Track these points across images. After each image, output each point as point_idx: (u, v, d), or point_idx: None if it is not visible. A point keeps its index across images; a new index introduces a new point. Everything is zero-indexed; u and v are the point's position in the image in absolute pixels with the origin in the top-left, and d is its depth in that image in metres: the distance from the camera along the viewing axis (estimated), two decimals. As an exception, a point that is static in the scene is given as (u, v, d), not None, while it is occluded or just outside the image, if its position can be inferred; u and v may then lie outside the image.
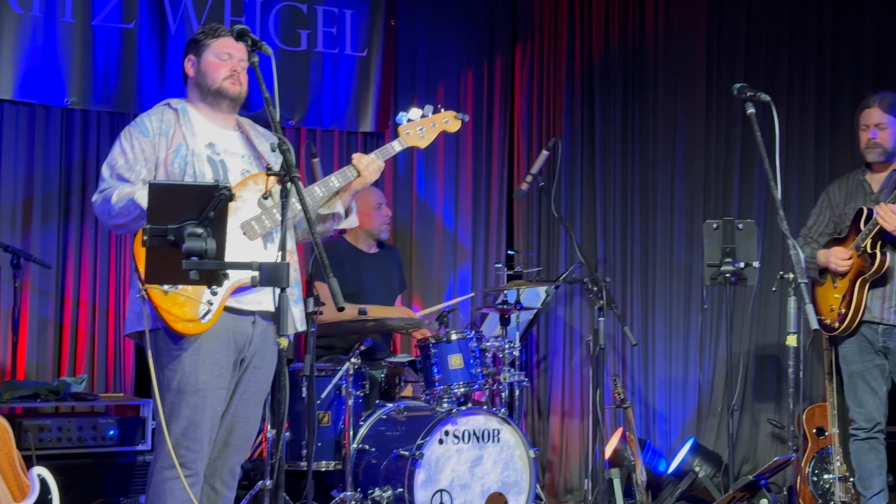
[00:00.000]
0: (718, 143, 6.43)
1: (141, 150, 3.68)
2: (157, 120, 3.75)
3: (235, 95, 3.81)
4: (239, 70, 3.79)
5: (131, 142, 3.70)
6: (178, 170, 3.67)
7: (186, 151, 3.70)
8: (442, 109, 4.10)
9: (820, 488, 5.63)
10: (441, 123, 4.10)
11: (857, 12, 6.24)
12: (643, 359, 6.44)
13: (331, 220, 3.96)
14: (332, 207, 3.94)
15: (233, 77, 3.78)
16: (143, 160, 3.68)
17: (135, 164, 3.67)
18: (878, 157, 5.13)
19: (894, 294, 5.03)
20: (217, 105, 3.81)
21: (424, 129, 4.06)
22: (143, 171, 3.67)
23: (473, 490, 4.72)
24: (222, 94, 3.79)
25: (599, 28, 6.52)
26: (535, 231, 6.51)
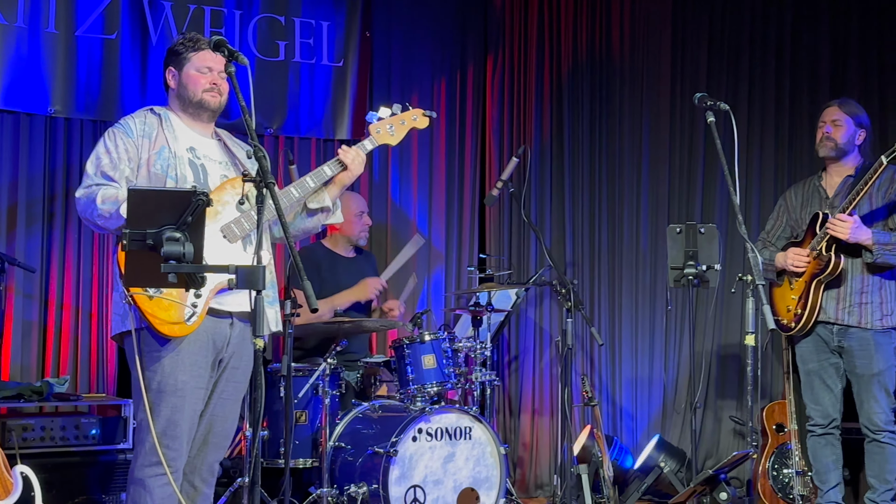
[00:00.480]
0: (682, 151, 6.47)
1: (125, 150, 3.70)
2: (141, 122, 3.77)
3: (216, 107, 3.83)
4: (219, 83, 3.81)
5: (115, 141, 3.71)
6: (161, 171, 3.68)
7: (169, 154, 3.71)
8: (411, 108, 4.11)
9: (779, 482, 5.68)
10: (410, 121, 4.11)
11: (814, 25, 6.30)
12: (610, 358, 6.46)
13: (320, 213, 3.98)
14: (322, 201, 3.96)
15: (213, 90, 3.80)
16: (127, 159, 3.69)
17: (119, 162, 3.68)
18: (830, 152, 5.18)
19: (848, 295, 5.08)
20: (198, 115, 3.83)
21: (394, 126, 4.07)
22: (126, 169, 3.68)
23: (446, 486, 4.74)
24: (203, 105, 3.81)
25: (568, 39, 6.56)
26: (507, 235, 6.54)
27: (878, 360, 5.06)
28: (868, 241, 4.96)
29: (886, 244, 4.99)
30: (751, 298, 3.92)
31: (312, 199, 3.93)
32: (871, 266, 5.05)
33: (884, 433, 5.07)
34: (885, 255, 4.99)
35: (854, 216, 4.97)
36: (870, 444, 5.13)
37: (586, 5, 6.56)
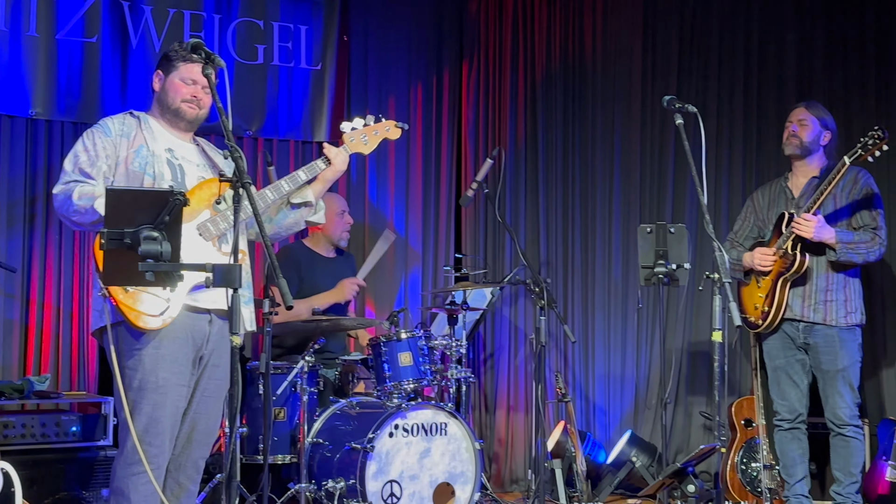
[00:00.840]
0: (653, 153, 6.49)
1: (103, 148, 3.70)
2: (120, 123, 3.78)
3: (192, 118, 3.84)
4: (200, 96, 3.81)
5: (93, 140, 3.72)
6: (139, 168, 3.69)
7: (147, 152, 3.72)
8: (383, 119, 4.14)
9: (748, 476, 5.71)
10: (383, 131, 4.14)
11: (780, 31, 6.32)
12: (584, 355, 6.48)
13: (303, 207, 3.98)
14: (304, 196, 3.97)
15: (191, 102, 3.81)
16: (105, 157, 3.69)
17: (96, 160, 3.68)
18: (795, 150, 5.23)
19: (814, 293, 5.12)
20: (175, 123, 3.84)
21: (368, 136, 4.09)
22: (104, 167, 3.68)
23: (422, 480, 4.74)
24: (179, 114, 3.81)
25: (541, 45, 6.57)
26: (482, 235, 6.55)
27: (843, 357, 5.10)
28: (832, 239, 5.01)
29: (849, 243, 5.03)
30: (718, 296, 3.93)
31: (295, 195, 3.94)
32: (836, 264, 5.10)
33: (848, 427, 5.11)
34: (848, 254, 5.03)
35: (818, 216, 5.02)
36: (835, 438, 5.17)
37: (559, 12, 6.58)
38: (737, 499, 5.63)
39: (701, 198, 4.07)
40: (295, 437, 4.98)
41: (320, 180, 3.99)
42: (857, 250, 5.04)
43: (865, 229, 5.11)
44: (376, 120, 4.12)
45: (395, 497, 4.66)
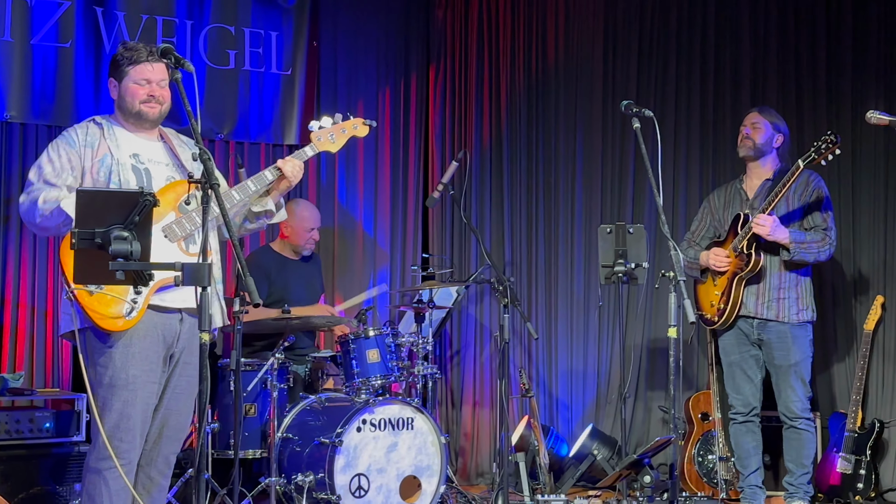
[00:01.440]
0: (614, 156, 6.53)
1: (68, 160, 3.67)
2: (84, 133, 3.74)
3: (154, 118, 3.81)
4: (157, 93, 3.77)
5: (59, 152, 3.69)
6: (104, 178, 3.66)
7: (111, 161, 3.69)
8: (351, 117, 4.12)
9: (704, 468, 5.75)
10: (351, 129, 4.11)
11: (735, 38, 6.37)
12: (547, 352, 6.50)
13: (264, 216, 3.98)
14: (265, 205, 3.96)
15: (150, 101, 3.76)
16: (70, 168, 3.66)
17: (61, 171, 3.65)
18: (749, 152, 5.28)
19: (767, 291, 5.17)
20: (139, 124, 3.81)
21: (335, 134, 4.07)
22: (69, 178, 3.66)
23: (389, 474, 4.75)
24: (141, 116, 3.78)
25: (506, 51, 6.59)
26: (448, 236, 6.56)
27: (795, 352, 5.16)
28: (786, 239, 5.06)
29: (802, 242, 5.09)
30: (673, 294, 3.97)
31: (256, 203, 3.93)
32: (789, 263, 5.15)
33: (800, 420, 5.17)
34: (800, 253, 5.09)
35: (773, 216, 5.07)
36: (787, 430, 5.23)
37: (523, 19, 6.60)
38: (694, 490, 5.67)
39: (657, 199, 4.11)
40: (265, 432, 4.97)
41: (276, 190, 3.97)
42: (810, 250, 5.09)
43: (816, 230, 5.17)
44: (344, 118, 4.10)
45: (362, 490, 4.66)
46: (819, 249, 5.12)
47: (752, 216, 5.09)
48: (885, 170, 6.03)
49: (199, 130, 3.18)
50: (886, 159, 6.02)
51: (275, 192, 3.97)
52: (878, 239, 6.04)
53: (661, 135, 4.19)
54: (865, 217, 6.07)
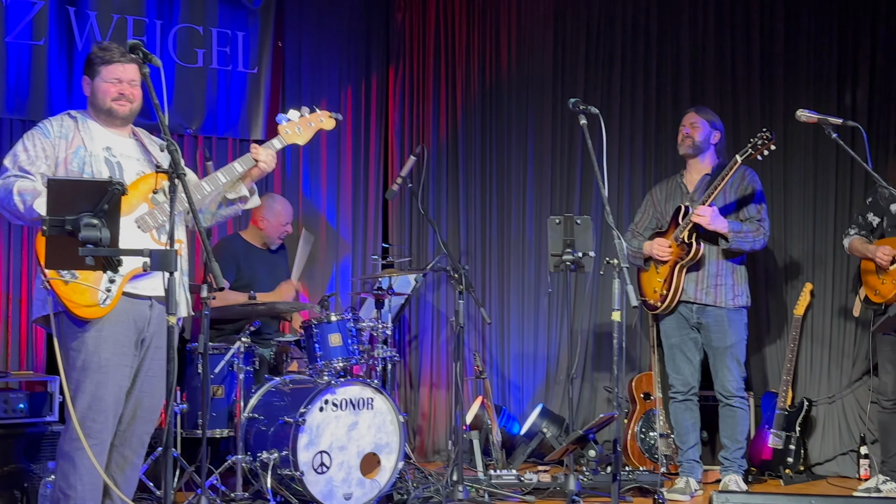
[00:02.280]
0: (562, 151, 6.54)
1: (42, 149, 3.63)
2: (58, 125, 3.71)
3: (124, 115, 3.77)
4: (127, 92, 3.74)
5: (33, 141, 3.65)
6: (77, 168, 3.62)
7: (85, 153, 3.65)
8: (317, 110, 4.09)
9: (646, 444, 5.80)
10: (317, 122, 4.08)
11: (675, 41, 6.40)
12: (499, 336, 6.52)
13: (239, 202, 3.95)
14: (239, 191, 3.93)
15: (121, 99, 3.73)
16: (44, 157, 3.62)
17: (36, 160, 3.61)
18: (689, 150, 5.33)
19: (706, 278, 5.23)
20: (111, 121, 3.77)
21: (302, 128, 4.04)
22: (42, 166, 3.61)
23: (350, 451, 4.74)
24: (112, 113, 3.74)
25: (461, 52, 6.59)
26: (407, 226, 6.55)
27: (731, 335, 5.22)
28: (724, 229, 5.11)
29: (739, 232, 5.15)
30: (617, 280, 3.99)
31: (230, 190, 3.90)
32: (726, 252, 5.20)
33: (735, 398, 5.23)
34: (738, 242, 5.15)
35: (713, 207, 5.12)
36: (723, 408, 5.29)
37: (478, 22, 6.60)
38: (636, 464, 5.72)
39: (602, 191, 4.12)
40: (232, 412, 4.94)
41: (248, 177, 3.95)
42: (746, 239, 5.15)
43: (751, 221, 5.23)
44: (311, 111, 4.07)
45: (325, 467, 4.65)
46: (754, 239, 5.19)
47: (693, 208, 5.14)
48: (814, 165, 6.10)
49: (167, 123, 3.15)
50: (815, 155, 6.09)
51: (247, 178, 3.95)
52: (807, 230, 6.11)
53: (606, 131, 4.20)
54: (795, 209, 6.14)
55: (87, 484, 3.61)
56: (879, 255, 5.08)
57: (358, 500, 4.70)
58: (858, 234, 5.33)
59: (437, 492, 4.92)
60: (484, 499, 4.96)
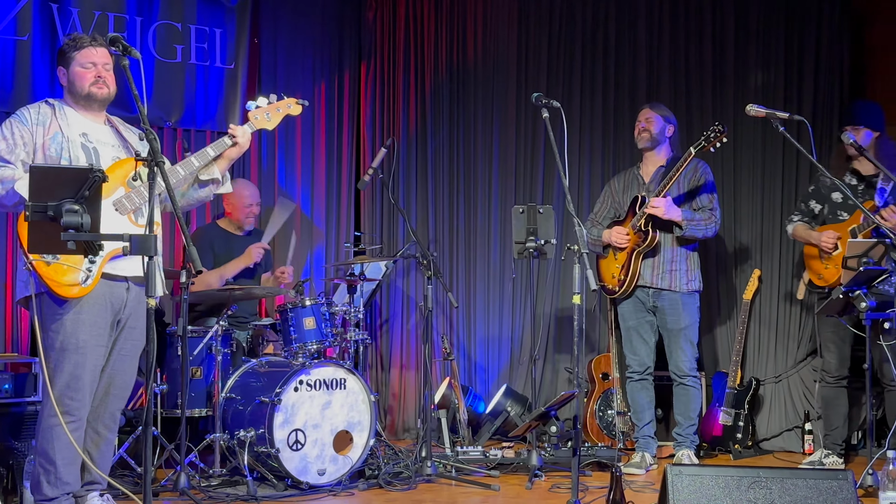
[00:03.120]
0: (526, 143, 6.54)
1: (20, 136, 3.60)
2: (35, 112, 3.67)
3: (103, 98, 3.75)
4: (103, 75, 3.71)
5: (11, 129, 3.61)
6: (55, 154, 3.59)
7: (62, 138, 3.62)
8: (285, 97, 4.09)
9: (604, 421, 5.83)
10: (284, 108, 4.09)
11: (633, 39, 6.41)
12: (466, 319, 6.52)
13: (211, 184, 3.93)
14: (211, 174, 3.91)
15: (98, 82, 3.71)
16: (23, 144, 3.59)
17: (15, 147, 3.58)
18: (646, 143, 5.35)
19: (661, 264, 5.25)
20: (89, 106, 3.74)
21: (270, 113, 4.04)
22: (21, 153, 3.58)
23: (324, 429, 4.72)
24: (91, 97, 3.71)
25: (430, 49, 6.57)
26: (378, 215, 6.54)
27: (685, 317, 5.25)
28: (678, 217, 5.13)
29: (692, 220, 5.18)
30: (577, 265, 3.99)
31: (203, 172, 3.88)
32: (680, 239, 5.23)
33: (688, 377, 5.26)
34: (691, 230, 5.17)
35: (668, 197, 5.14)
36: (677, 387, 5.32)
37: (446, 21, 6.58)
38: (595, 440, 5.74)
39: (564, 181, 4.12)
40: (210, 392, 4.91)
41: (225, 157, 3.94)
42: (699, 227, 5.18)
43: (704, 210, 5.26)
44: (279, 98, 4.07)
45: (299, 444, 4.63)
46: (706, 227, 5.21)
47: (649, 198, 5.16)
48: (762, 157, 6.14)
49: (146, 112, 3.11)
50: (763, 147, 6.13)
51: (223, 160, 3.93)
52: (756, 218, 6.15)
53: (567, 125, 4.20)
54: (745, 199, 6.18)
55: (66, 459, 3.61)
56: (824, 240, 5.12)
57: (331, 475, 4.69)
58: (801, 220, 5.37)
59: (407, 467, 4.92)
60: (451, 474, 4.96)
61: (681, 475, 3.26)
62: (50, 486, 3.62)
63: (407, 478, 4.80)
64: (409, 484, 4.73)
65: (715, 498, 3.21)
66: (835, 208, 5.22)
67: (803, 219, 5.36)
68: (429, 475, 4.87)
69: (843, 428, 5.28)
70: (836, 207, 5.21)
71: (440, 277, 5.24)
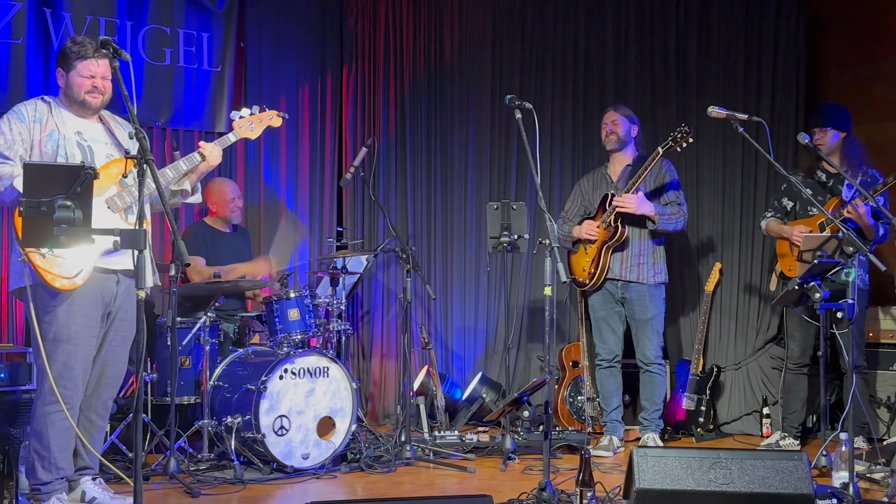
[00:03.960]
0: (500, 142, 6.55)
1: (18, 133, 3.57)
2: (33, 109, 3.65)
3: (97, 107, 3.76)
4: (100, 86, 3.71)
5: (10, 126, 3.59)
6: (51, 150, 3.57)
7: (58, 136, 3.60)
8: (267, 109, 4.13)
9: (574, 407, 5.85)
10: (266, 120, 4.13)
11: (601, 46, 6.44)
12: (443, 310, 6.51)
13: (180, 195, 3.93)
14: (181, 185, 3.92)
15: (94, 92, 3.71)
16: (21, 141, 3.57)
17: (13, 143, 3.56)
18: (614, 145, 5.37)
19: (630, 257, 5.27)
20: (82, 111, 3.73)
21: (254, 124, 4.08)
22: (20, 150, 3.57)
23: (308, 415, 4.72)
24: (85, 105, 3.71)
25: (409, 53, 6.55)
26: (359, 212, 6.52)
27: (651, 308, 5.27)
28: (651, 212, 5.16)
29: (663, 214, 5.21)
30: (548, 258, 4.00)
31: (176, 184, 3.89)
32: (648, 234, 5.25)
33: (654, 365, 5.29)
34: (663, 223, 5.20)
35: (639, 192, 5.16)
36: (643, 374, 5.35)
37: (423, 27, 6.57)
38: (565, 425, 5.76)
39: (535, 179, 4.12)
40: (199, 381, 4.90)
41: (196, 171, 3.94)
42: (669, 220, 5.22)
43: (672, 205, 5.28)
44: (261, 110, 4.11)
45: (284, 429, 4.63)
46: (676, 220, 5.25)
47: (618, 196, 5.19)
48: (723, 156, 6.18)
49: (136, 112, 3.09)
50: (724, 147, 6.17)
51: (193, 174, 3.94)
52: (717, 215, 6.19)
53: (539, 125, 4.20)
54: (706, 196, 6.22)
55: (60, 445, 3.60)
56: (795, 234, 5.16)
57: (315, 459, 4.69)
58: (774, 216, 5.41)
59: (387, 451, 4.92)
60: (429, 457, 4.97)
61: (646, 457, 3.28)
62: (44, 471, 3.61)
63: (387, 461, 4.80)
64: (390, 467, 4.74)
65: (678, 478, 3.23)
66: (805, 204, 5.26)
67: (776, 215, 5.40)
68: (408, 459, 4.88)
69: (800, 412, 5.33)
70: (806, 204, 5.26)
71: (419, 271, 5.24)
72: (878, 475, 4.32)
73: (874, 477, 4.33)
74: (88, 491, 3.83)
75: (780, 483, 3.21)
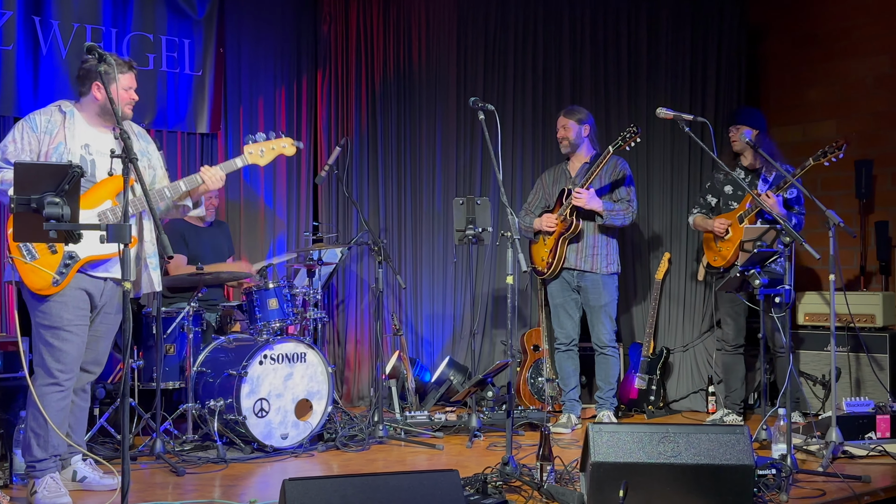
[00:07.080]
0: (466, 141, 6.56)
1: (28, 142, 3.58)
2: (46, 120, 3.61)
3: (130, 116, 3.79)
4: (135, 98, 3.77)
5: (22, 134, 3.59)
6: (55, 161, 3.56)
7: (64, 150, 3.58)
8: (283, 135, 3.95)
9: (535, 388, 5.89)
10: (279, 147, 3.96)
11: (558, 50, 6.46)
12: (413, 299, 6.52)
13: (182, 210, 3.92)
14: (184, 201, 3.89)
15: (131, 103, 3.75)
16: (29, 150, 3.58)
17: (21, 152, 3.57)
18: (567, 150, 5.41)
19: (585, 248, 5.31)
20: (108, 120, 3.70)
21: (265, 150, 3.93)
22: (26, 158, 3.57)
23: (286, 398, 4.71)
24: (125, 115, 3.70)
25: (379, 58, 6.54)
26: (334, 207, 6.49)
27: (605, 295, 5.32)
28: (599, 208, 5.20)
29: (612, 210, 5.25)
30: (510, 249, 4.02)
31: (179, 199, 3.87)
32: (601, 227, 5.29)
33: (608, 348, 5.34)
34: (610, 219, 5.24)
35: (591, 189, 5.19)
36: (598, 356, 5.40)
37: (392, 33, 6.55)
38: (527, 404, 5.80)
39: (498, 175, 4.14)
40: (183, 367, 4.87)
41: (196, 192, 3.88)
42: (617, 216, 5.25)
43: (622, 202, 5.33)
44: (276, 136, 3.95)
45: (264, 411, 4.62)
46: (624, 216, 5.29)
47: (574, 190, 5.22)
48: (671, 153, 6.24)
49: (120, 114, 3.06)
50: (672, 145, 6.23)
51: (194, 193, 3.88)
52: (666, 208, 6.25)
53: (501, 125, 4.22)
54: (656, 191, 6.27)
55: (55, 422, 3.62)
56: (717, 226, 5.26)
57: (293, 439, 4.69)
58: (700, 212, 5.50)
59: (361, 431, 4.93)
60: (401, 436, 4.98)
61: (601, 432, 3.31)
62: (40, 449, 3.61)
63: (361, 440, 4.81)
64: (363, 445, 4.75)
65: (630, 451, 3.27)
66: (727, 200, 5.36)
67: (701, 210, 5.49)
68: (381, 437, 4.89)
69: (741, 390, 5.41)
70: (727, 199, 5.35)
71: (390, 262, 5.24)
72: (813, 447, 4.41)
73: (810, 449, 4.41)
74: (80, 470, 3.82)
75: (724, 455, 3.26)
